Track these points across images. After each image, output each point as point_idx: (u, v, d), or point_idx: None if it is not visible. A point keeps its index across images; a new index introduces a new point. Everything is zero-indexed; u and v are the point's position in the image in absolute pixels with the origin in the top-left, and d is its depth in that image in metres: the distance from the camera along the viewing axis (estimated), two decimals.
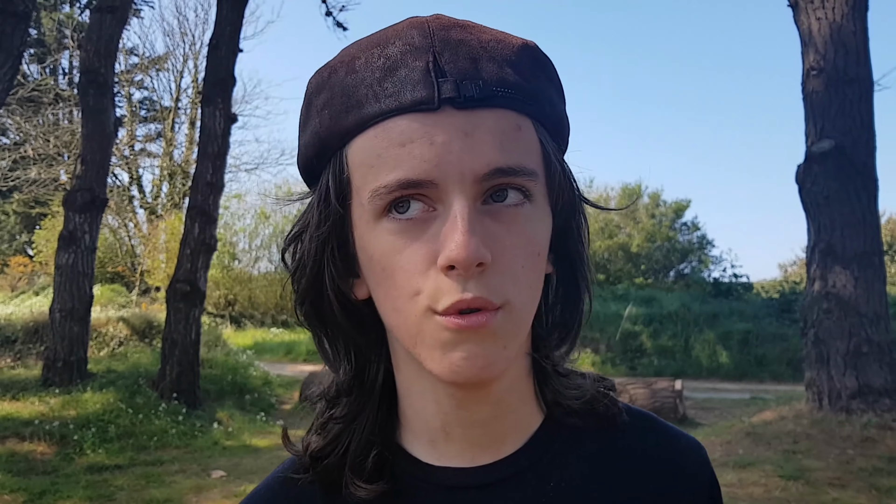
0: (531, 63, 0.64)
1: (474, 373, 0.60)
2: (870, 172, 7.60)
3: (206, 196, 9.34)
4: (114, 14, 9.79)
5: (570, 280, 0.71)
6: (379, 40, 0.62)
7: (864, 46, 7.80)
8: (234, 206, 21.57)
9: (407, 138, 0.59)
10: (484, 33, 0.63)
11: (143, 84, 25.00)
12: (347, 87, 0.61)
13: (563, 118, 0.68)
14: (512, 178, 0.60)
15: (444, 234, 0.58)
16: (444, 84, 0.59)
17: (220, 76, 9.70)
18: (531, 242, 0.62)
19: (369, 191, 0.60)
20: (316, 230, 0.65)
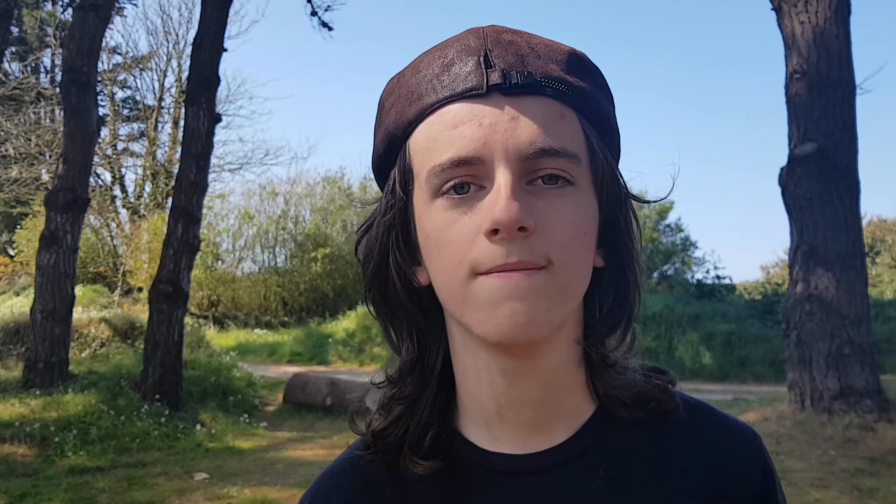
0: (577, 66, 0.70)
1: (518, 330, 0.63)
2: (852, 175, 7.66)
3: (190, 196, 9.28)
4: (97, 13, 9.71)
5: (619, 274, 0.74)
6: (441, 46, 0.70)
7: (846, 50, 7.86)
8: (217, 207, 21.45)
9: (459, 121, 0.65)
10: (534, 38, 0.70)
11: (126, 83, 24.83)
12: (411, 85, 0.69)
13: (609, 118, 0.73)
14: (554, 158, 0.65)
15: (489, 203, 0.63)
16: (492, 73, 0.65)
17: (204, 76, 9.63)
18: (575, 220, 0.66)
19: (426, 171, 0.66)
20: (382, 217, 0.72)
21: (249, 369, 11.84)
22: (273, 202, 21.83)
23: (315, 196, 22.28)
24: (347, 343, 16.14)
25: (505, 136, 0.64)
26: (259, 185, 22.44)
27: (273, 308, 20.79)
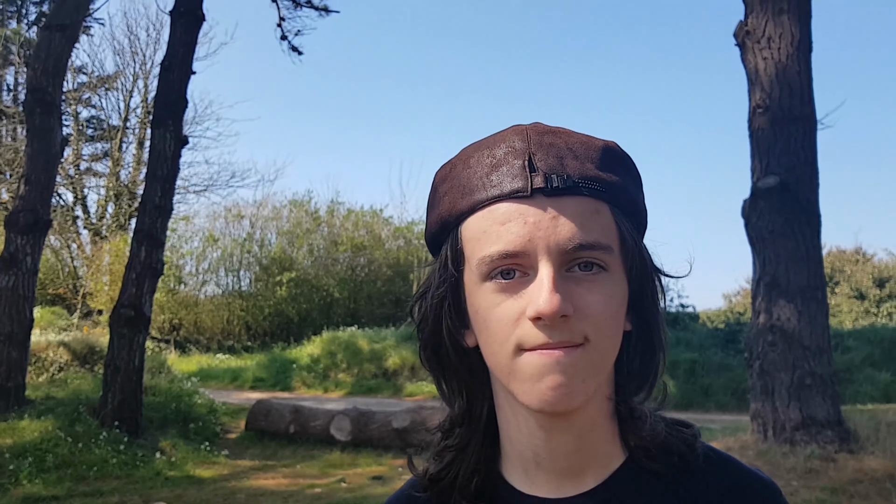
0: (610, 159, 0.79)
1: (559, 401, 0.73)
2: (813, 208, 7.81)
3: (154, 219, 9.16)
4: (63, 33, 9.61)
5: (646, 337, 0.83)
6: (489, 143, 0.80)
7: (808, 86, 8.05)
8: (181, 229, 21.19)
9: (506, 218, 0.75)
10: (572, 137, 0.80)
11: (91, 102, 24.53)
12: (463, 178, 0.79)
13: (638, 204, 0.83)
14: (590, 251, 0.74)
15: (533, 292, 0.73)
16: (535, 177, 0.75)
17: (171, 98, 9.56)
18: (609, 302, 0.75)
19: (477, 259, 0.76)
20: (436, 290, 0.82)
21: (211, 395, 11.64)
22: (238, 225, 21.64)
23: (281, 219, 22.13)
24: (312, 369, 15.96)
25: (547, 233, 0.73)
26: (224, 208, 22.24)
27: (236, 332, 20.52)
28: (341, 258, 21.12)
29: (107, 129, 24.04)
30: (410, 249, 21.82)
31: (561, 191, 0.74)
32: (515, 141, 0.78)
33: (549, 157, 0.76)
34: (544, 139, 0.78)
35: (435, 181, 0.84)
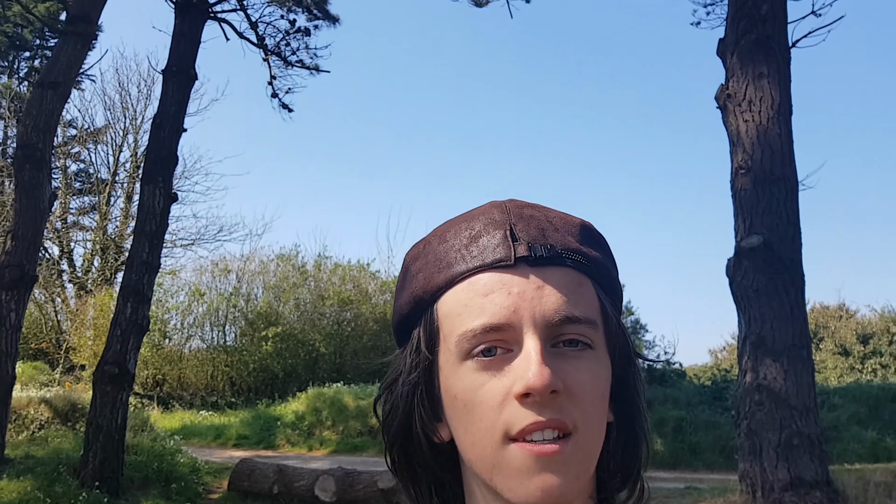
0: (589, 237, 0.76)
1: (549, 501, 0.66)
2: (796, 268, 7.90)
3: (141, 275, 9.14)
4: (56, 90, 9.70)
5: (629, 428, 0.77)
6: (466, 218, 0.76)
7: (788, 148, 8.22)
8: (167, 283, 21.09)
9: (489, 289, 0.70)
10: (550, 212, 0.77)
11: (80, 156, 24.63)
12: (439, 253, 0.74)
13: (616, 282, 0.79)
14: (576, 325, 0.70)
15: (520, 367, 0.67)
16: (518, 246, 0.71)
17: (161, 155, 9.64)
18: (595, 381, 0.70)
19: (457, 335, 0.70)
20: (407, 376, 0.75)
21: (194, 453, 11.45)
22: (225, 279, 21.56)
23: (268, 273, 22.08)
24: (296, 426, 15.75)
25: (532, 304, 0.69)
26: (211, 262, 22.19)
27: (220, 388, 20.27)
28: (328, 312, 21.03)
29: (95, 182, 24.09)
30: None
31: (545, 260, 0.71)
32: (494, 213, 0.74)
33: (531, 228, 0.73)
34: (524, 212, 0.75)
35: (406, 261, 0.79)
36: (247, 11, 12.39)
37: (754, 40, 8.35)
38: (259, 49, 13.27)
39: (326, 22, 18.66)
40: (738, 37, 8.48)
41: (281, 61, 14.61)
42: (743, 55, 8.41)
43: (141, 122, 23.81)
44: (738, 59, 8.45)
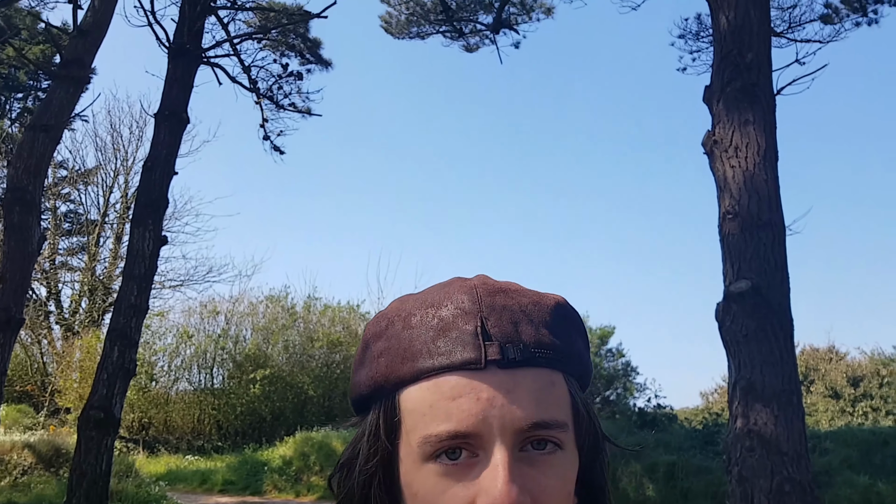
0: (562, 321, 0.74)
1: None
2: (785, 313, 7.92)
3: (129, 319, 9.08)
4: (48, 133, 9.72)
5: None
6: (433, 301, 0.72)
7: (775, 193, 8.30)
8: (155, 325, 20.94)
9: (457, 393, 0.67)
10: (523, 297, 0.73)
11: (70, 197, 24.61)
12: (404, 340, 0.70)
13: (588, 365, 0.77)
14: (547, 430, 0.67)
15: (486, 480, 0.65)
16: (490, 347, 0.68)
17: (152, 198, 9.64)
18: (563, 486, 0.68)
19: (420, 437, 0.67)
20: (365, 464, 0.72)
21: (179, 499, 11.27)
22: (213, 321, 21.44)
23: (257, 315, 21.99)
24: (283, 471, 15.54)
25: (502, 412, 0.66)
26: (200, 304, 22.10)
27: (207, 431, 20.02)
28: (317, 354, 20.90)
29: (85, 223, 24.03)
30: None
31: (517, 363, 0.68)
32: (464, 300, 0.70)
33: (503, 322, 0.69)
34: (496, 300, 0.71)
35: (367, 337, 0.75)
36: (240, 56, 12.53)
37: (740, 88, 8.48)
38: (251, 93, 13.38)
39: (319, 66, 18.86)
40: (724, 84, 8.62)
41: (273, 104, 14.74)
42: (729, 102, 8.54)
43: (132, 164, 23.89)
44: (723, 105, 8.57)
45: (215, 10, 11.18)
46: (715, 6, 8.90)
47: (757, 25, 8.74)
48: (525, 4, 15.55)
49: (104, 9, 10.45)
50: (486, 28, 15.12)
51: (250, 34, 13.19)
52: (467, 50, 16.27)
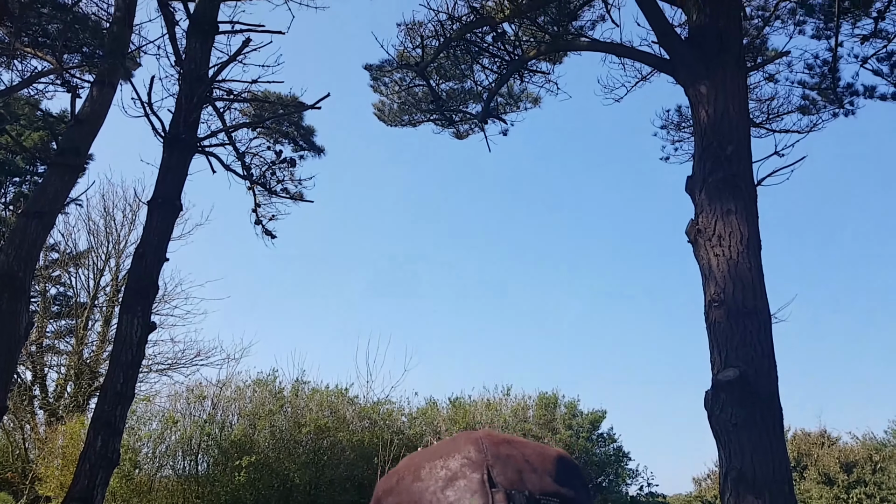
0: (564, 472, 0.77)
1: None
2: (774, 401, 7.92)
3: (114, 407, 8.99)
4: (41, 220, 9.84)
5: None
6: (441, 453, 0.76)
7: (759, 282, 8.41)
8: (140, 410, 20.61)
9: None
10: (526, 448, 0.77)
11: (61, 279, 24.55)
12: (414, 492, 0.73)
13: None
14: None
15: None
16: (496, 494, 0.70)
17: (142, 284, 9.68)
18: None
19: None
20: None
21: None
22: (200, 406, 21.12)
23: (244, 399, 21.69)
24: None
25: None
26: (187, 388, 21.78)
27: None
28: (304, 441, 20.55)
29: (74, 306, 23.92)
30: (375, 431, 21.35)
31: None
32: (471, 451, 0.74)
33: (508, 471, 0.72)
34: (500, 451, 0.74)
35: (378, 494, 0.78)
36: (235, 144, 12.78)
37: (721, 179, 8.70)
38: (245, 180, 13.59)
39: (312, 153, 19.23)
40: (706, 175, 8.84)
41: (265, 190, 14.96)
42: (711, 192, 8.74)
43: (124, 246, 23.96)
44: (706, 195, 8.77)
45: (212, 101, 11.48)
46: (695, 101, 9.21)
47: (736, 119, 9.03)
48: (513, 95, 16.00)
49: (102, 99, 10.73)
50: (474, 117, 15.50)
51: (245, 123, 13.49)
52: (457, 137, 16.65)
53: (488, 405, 24.66)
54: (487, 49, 13.67)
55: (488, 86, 14.62)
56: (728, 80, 9.09)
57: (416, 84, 15.35)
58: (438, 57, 13.90)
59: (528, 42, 13.18)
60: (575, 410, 25.22)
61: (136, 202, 24.02)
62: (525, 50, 12.98)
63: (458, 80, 15.33)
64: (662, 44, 9.84)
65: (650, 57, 10.54)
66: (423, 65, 13.69)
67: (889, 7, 13.28)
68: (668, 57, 9.78)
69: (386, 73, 15.98)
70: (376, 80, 16.25)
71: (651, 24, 9.84)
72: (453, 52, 14.00)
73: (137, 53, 14.12)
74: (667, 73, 10.18)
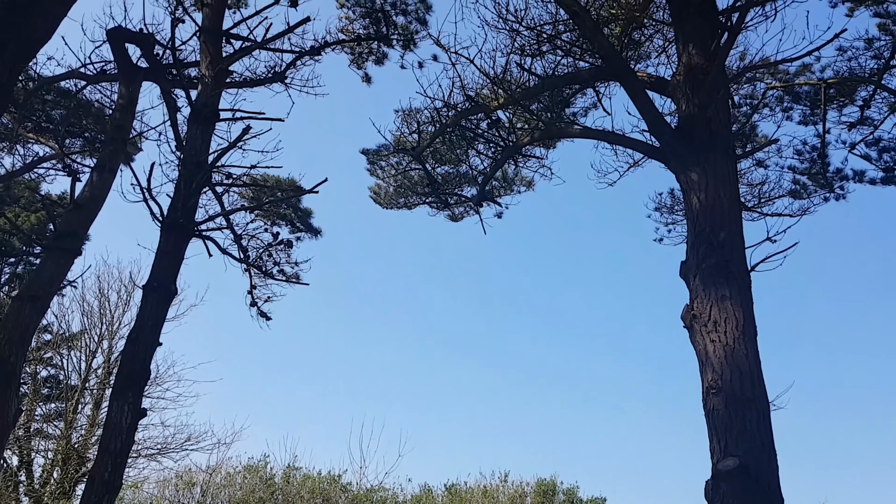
0: None
1: None
2: (775, 491, 7.76)
3: (101, 497, 8.78)
4: (34, 304, 9.79)
5: None
6: None
7: (757, 369, 8.33)
8: (128, 497, 20.13)
9: None
10: None
11: (52, 361, 24.30)
12: None
13: None
14: None
15: None
16: None
17: (134, 369, 9.60)
18: None
19: None
20: None
21: None
22: (189, 493, 20.63)
23: (234, 486, 21.20)
24: None
25: None
26: (176, 474, 21.31)
27: None
28: None
29: (65, 388, 23.60)
30: None
31: None
32: None
33: None
34: None
35: None
36: (233, 228, 12.88)
37: (714, 265, 8.73)
38: (241, 263, 13.63)
39: (309, 234, 19.35)
40: (699, 261, 8.88)
41: (261, 272, 14.98)
42: (705, 278, 8.75)
43: (118, 328, 23.81)
44: (700, 281, 8.79)
45: (212, 186, 11.62)
46: (686, 187, 9.33)
47: (728, 205, 9.12)
48: (507, 179, 16.24)
49: (102, 184, 10.85)
50: (470, 200, 15.68)
51: (244, 207, 13.62)
52: (452, 219, 16.81)
53: (485, 492, 24.09)
54: (482, 135, 13.94)
55: (483, 170, 14.85)
56: (718, 168, 9.23)
57: (412, 168, 15.59)
58: (434, 142, 14.15)
59: (522, 129, 13.46)
60: (574, 497, 24.68)
61: (131, 284, 24.02)
62: (519, 136, 13.24)
63: (454, 165, 15.57)
64: (653, 132, 10.03)
65: (641, 144, 10.75)
66: (419, 149, 13.93)
67: (874, 95, 13.65)
68: (659, 145, 9.97)
69: (382, 158, 16.25)
70: (373, 164, 16.52)
71: (641, 114, 10.07)
72: (449, 137, 14.27)
73: (139, 139, 14.40)
74: (658, 160, 10.36)
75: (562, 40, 12.26)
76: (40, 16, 6.80)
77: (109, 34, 11.29)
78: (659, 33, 12.91)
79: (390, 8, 15.22)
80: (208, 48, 11.43)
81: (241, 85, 12.63)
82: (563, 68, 12.49)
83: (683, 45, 9.99)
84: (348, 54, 15.69)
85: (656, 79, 11.22)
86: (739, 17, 9.12)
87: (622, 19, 12.17)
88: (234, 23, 12.41)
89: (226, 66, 11.54)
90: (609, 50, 10.52)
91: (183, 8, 12.41)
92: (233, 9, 14.46)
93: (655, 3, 12.09)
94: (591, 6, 11.30)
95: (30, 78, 12.94)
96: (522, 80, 12.62)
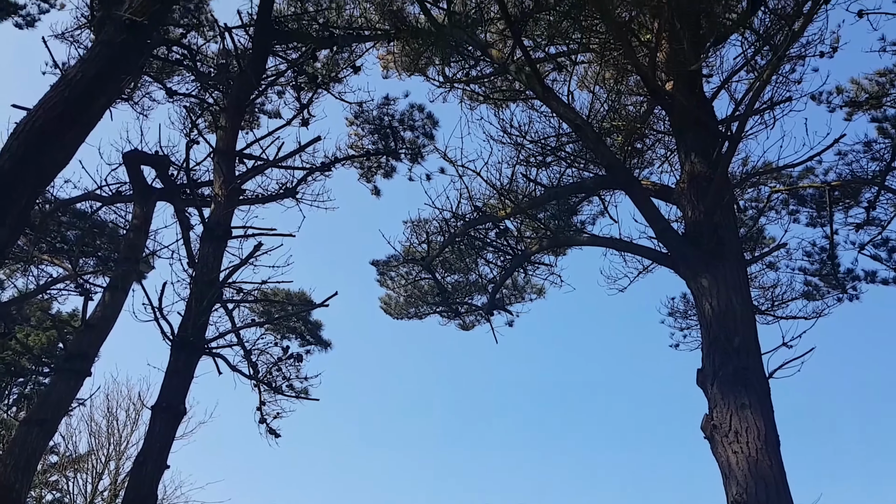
0: None
1: None
2: None
3: None
4: (42, 427, 9.68)
5: None
6: None
7: (782, 480, 8.04)
8: None
9: None
10: None
11: (58, 485, 23.75)
12: None
13: None
14: None
15: None
16: None
17: (141, 493, 9.34)
18: None
19: None
20: None
21: None
22: None
23: None
24: None
25: None
26: None
27: None
28: None
29: None
30: None
31: None
32: None
33: None
34: None
35: None
36: (243, 344, 12.82)
37: (731, 372, 8.57)
38: (250, 379, 13.50)
39: (319, 347, 19.24)
40: (716, 368, 8.71)
41: (270, 388, 14.80)
42: (723, 386, 8.57)
43: (125, 448, 23.39)
44: (718, 389, 8.60)
45: (224, 303, 11.65)
46: (698, 294, 9.28)
47: (740, 310, 9.02)
48: (517, 287, 16.23)
49: (114, 304, 10.91)
50: (480, 309, 15.65)
51: (254, 322, 13.61)
52: (463, 328, 16.71)
53: None
54: (491, 244, 14.04)
55: (493, 279, 14.88)
56: (728, 273, 9.20)
57: (422, 277, 15.65)
58: (444, 252, 14.25)
59: (531, 237, 13.57)
60: None
61: (139, 402, 23.76)
62: (528, 245, 13.33)
63: (463, 274, 15.62)
64: (661, 239, 10.07)
65: (650, 251, 10.77)
66: (428, 259, 14.01)
67: (878, 196, 13.77)
68: (667, 251, 9.98)
69: (392, 268, 16.35)
70: (383, 275, 16.60)
71: (648, 221, 10.12)
72: (458, 246, 14.37)
73: (152, 257, 14.56)
74: (667, 266, 10.34)
75: (566, 151, 12.52)
76: (60, 148, 7.02)
77: (126, 157, 11.61)
78: (660, 142, 13.19)
79: (398, 124, 15.69)
80: (222, 168, 11.69)
81: (253, 202, 12.85)
82: (568, 178, 12.71)
83: (685, 154, 10.16)
84: (358, 168, 16.07)
85: (661, 186, 11.36)
86: (739, 126, 9.28)
87: (623, 130, 12.45)
88: (248, 143, 12.76)
89: (239, 185, 11.79)
90: (612, 160, 10.70)
91: (198, 130, 12.80)
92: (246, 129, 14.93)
93: (655, 115, 12.40)
94: (592, 119, 11.57)
95: (46, 201, 13.24)
96: (529, 189, 12.83)
